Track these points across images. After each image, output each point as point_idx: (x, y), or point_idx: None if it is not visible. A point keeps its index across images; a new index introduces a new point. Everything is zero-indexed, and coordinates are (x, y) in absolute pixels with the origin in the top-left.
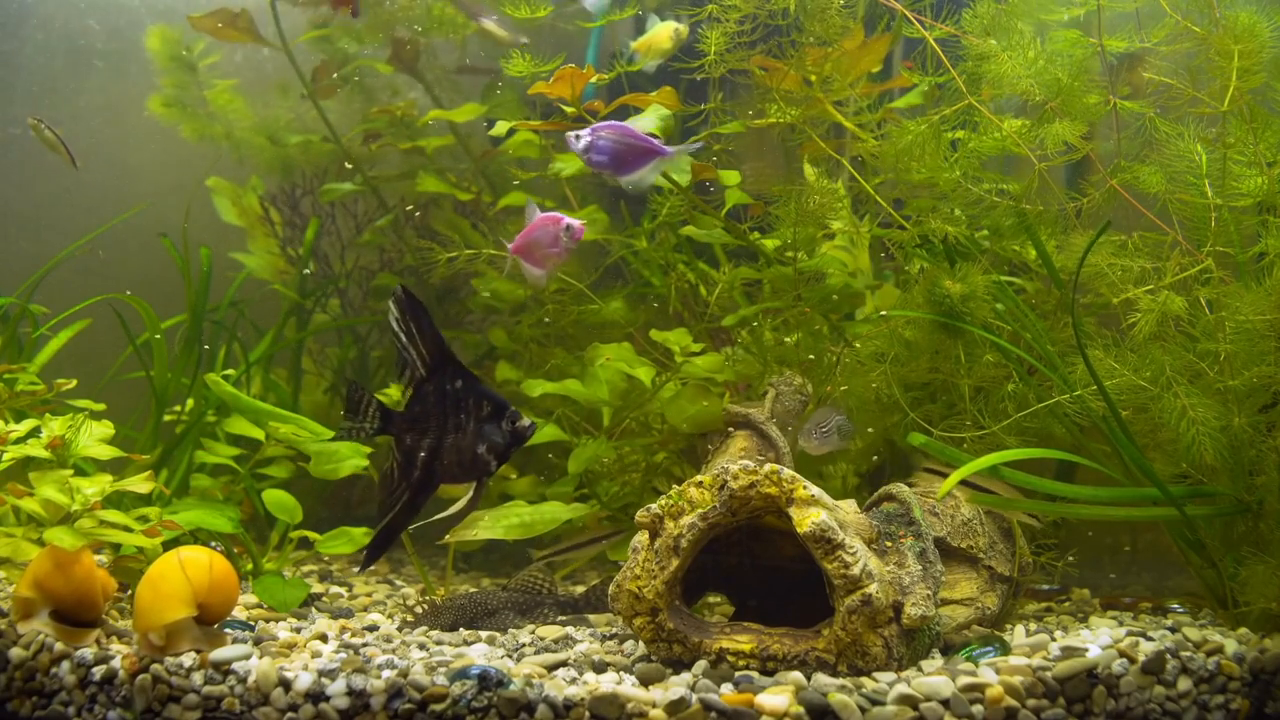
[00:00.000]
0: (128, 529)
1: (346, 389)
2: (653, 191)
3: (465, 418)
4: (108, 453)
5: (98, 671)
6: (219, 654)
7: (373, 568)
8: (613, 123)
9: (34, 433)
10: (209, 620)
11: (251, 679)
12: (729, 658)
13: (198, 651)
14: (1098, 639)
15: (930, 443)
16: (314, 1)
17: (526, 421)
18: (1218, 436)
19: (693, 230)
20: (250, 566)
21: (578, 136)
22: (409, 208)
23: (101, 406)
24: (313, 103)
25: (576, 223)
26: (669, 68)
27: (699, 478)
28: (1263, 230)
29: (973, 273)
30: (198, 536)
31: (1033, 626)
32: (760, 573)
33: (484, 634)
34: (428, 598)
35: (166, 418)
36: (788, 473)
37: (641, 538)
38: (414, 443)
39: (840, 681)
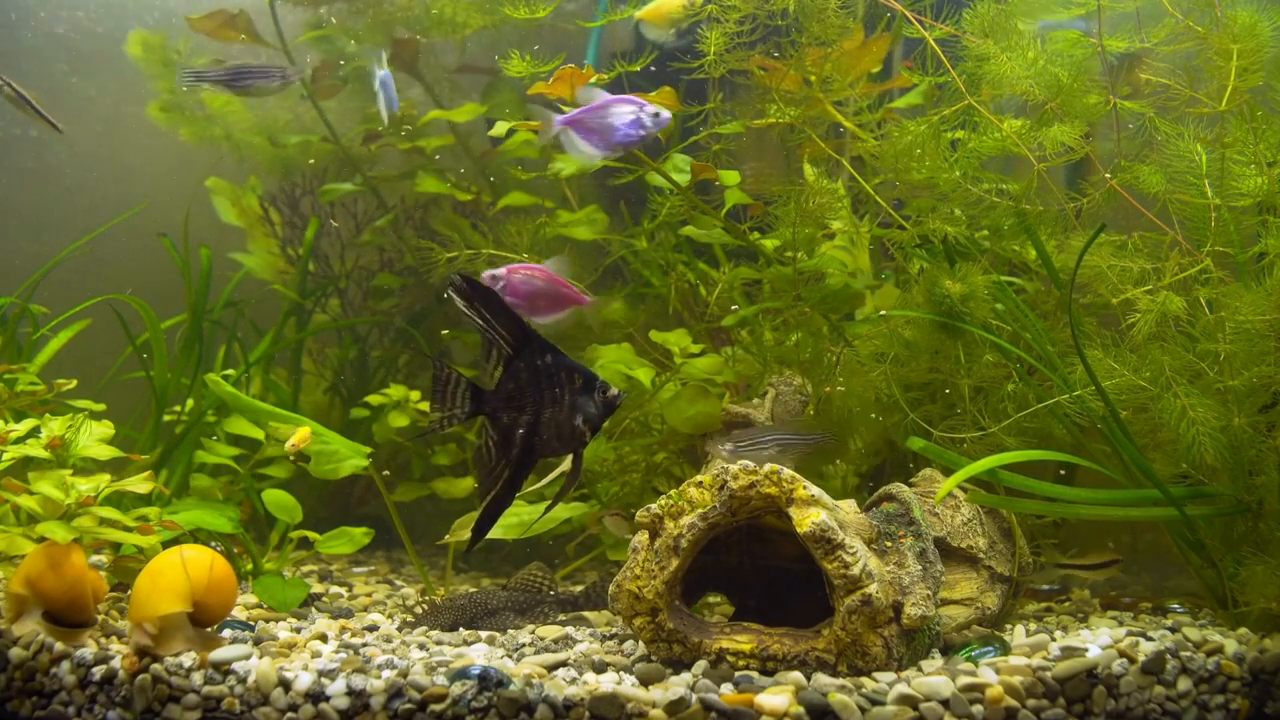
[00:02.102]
0: (126, 528)
1: (433, 370)
2: (653, 192)
3: (560, 391)
4: (107, 453)
5: (97, 671)
6: (219, 654)
7: (372, 567)
8: None
9: (34, 433)
10: (205, 622)
11: (251, 679)
12: (729, 658)
13: (194, 652)
14: (1098, 639)
15: (929, 447)
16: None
17: (615, 390)
18: (1218, 436)
19: (692, 230)
20: (250, 566)
21: None
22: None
23: (101, 406)
24: (312, 103)
25: None
26: (668, 68)
27: (699, 478)
28: (1262, 230)
29: (973, 273)
30: (197, 536)
31: (1033, 626)
32: (760, 573)
33: (484, 634)
34: (427, 598)
35: (166, 418)
36: (787, 473)
37: (641, 538)
38: (511, 420)
39: (840, 681)
